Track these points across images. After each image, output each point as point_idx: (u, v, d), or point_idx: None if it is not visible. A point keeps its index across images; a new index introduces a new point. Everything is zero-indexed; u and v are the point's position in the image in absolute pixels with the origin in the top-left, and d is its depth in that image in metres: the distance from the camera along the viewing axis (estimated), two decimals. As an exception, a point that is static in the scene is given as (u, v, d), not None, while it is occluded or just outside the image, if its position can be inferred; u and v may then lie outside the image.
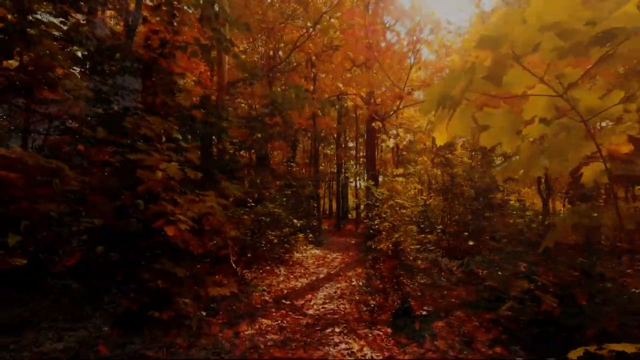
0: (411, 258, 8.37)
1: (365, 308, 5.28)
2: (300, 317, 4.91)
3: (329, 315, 4.99)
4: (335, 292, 6.46)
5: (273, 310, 5.04)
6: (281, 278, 7.35)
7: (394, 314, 4.70)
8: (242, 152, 7.70)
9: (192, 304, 3.01)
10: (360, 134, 24.62)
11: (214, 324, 4.03)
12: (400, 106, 9.95)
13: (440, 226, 8.41)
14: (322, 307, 5.45)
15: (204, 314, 4.12)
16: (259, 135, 4.80)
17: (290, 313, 5.02)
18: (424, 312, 4.63)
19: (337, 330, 4.35)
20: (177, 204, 2.72)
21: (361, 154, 24.67)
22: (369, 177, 11.43)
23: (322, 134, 23.11)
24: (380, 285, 6.77)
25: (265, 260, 8.29)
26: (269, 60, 11.72)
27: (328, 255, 10.65)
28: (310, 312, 5.19)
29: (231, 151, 5.05)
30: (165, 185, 2.77)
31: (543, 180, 14.21)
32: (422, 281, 7.18)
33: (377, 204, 8.90)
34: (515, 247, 5.21)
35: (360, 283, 7.13)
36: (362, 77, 9.07)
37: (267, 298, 5.76)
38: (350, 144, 26.93)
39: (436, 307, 5.02)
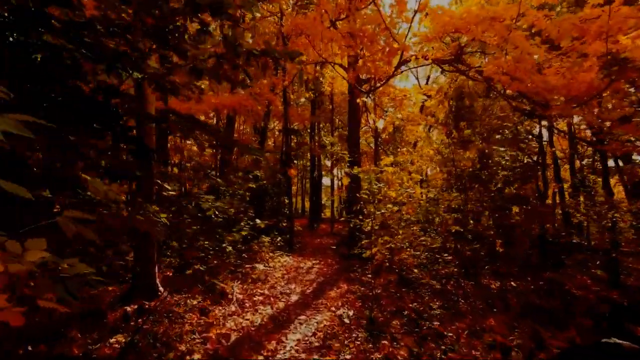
0: (416, 271, 6.21)
1: (370, 376, 2.97)
2: (250, 409, 2.51)
3: (306, 402, 2.63)
4: (314, 334, 4.09)
5: (197, 398, 2.58)
6: (232, 308, 4.87)
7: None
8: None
9: None
10: (335, 127, 22.56)
11: None
12: (397, 72, 7.79)
13: (457, 227, 6.30)
14: (294, 375, 3.07)
15: None
16: (169, 66, 2.31)
17: (232, 401, 2.60)
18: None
19: None
20: None
21: (337, 148, 22.54)
22: (351, 163, 9.19)
23: (295, 127, 20.66)
24: (381, 318, 4.51)
25: (214, 276, 5.74)
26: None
27: (302, 264, 8.26)
28: (272, 389, 2.80)
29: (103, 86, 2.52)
30: None
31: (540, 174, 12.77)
32: (437, 307, 5.02)
33: (366, 195, 6.65)
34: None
35: (351, 313, 4.81)
36: (344, 31, 6.67)
37: (196, 357, 3.28)
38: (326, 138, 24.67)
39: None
